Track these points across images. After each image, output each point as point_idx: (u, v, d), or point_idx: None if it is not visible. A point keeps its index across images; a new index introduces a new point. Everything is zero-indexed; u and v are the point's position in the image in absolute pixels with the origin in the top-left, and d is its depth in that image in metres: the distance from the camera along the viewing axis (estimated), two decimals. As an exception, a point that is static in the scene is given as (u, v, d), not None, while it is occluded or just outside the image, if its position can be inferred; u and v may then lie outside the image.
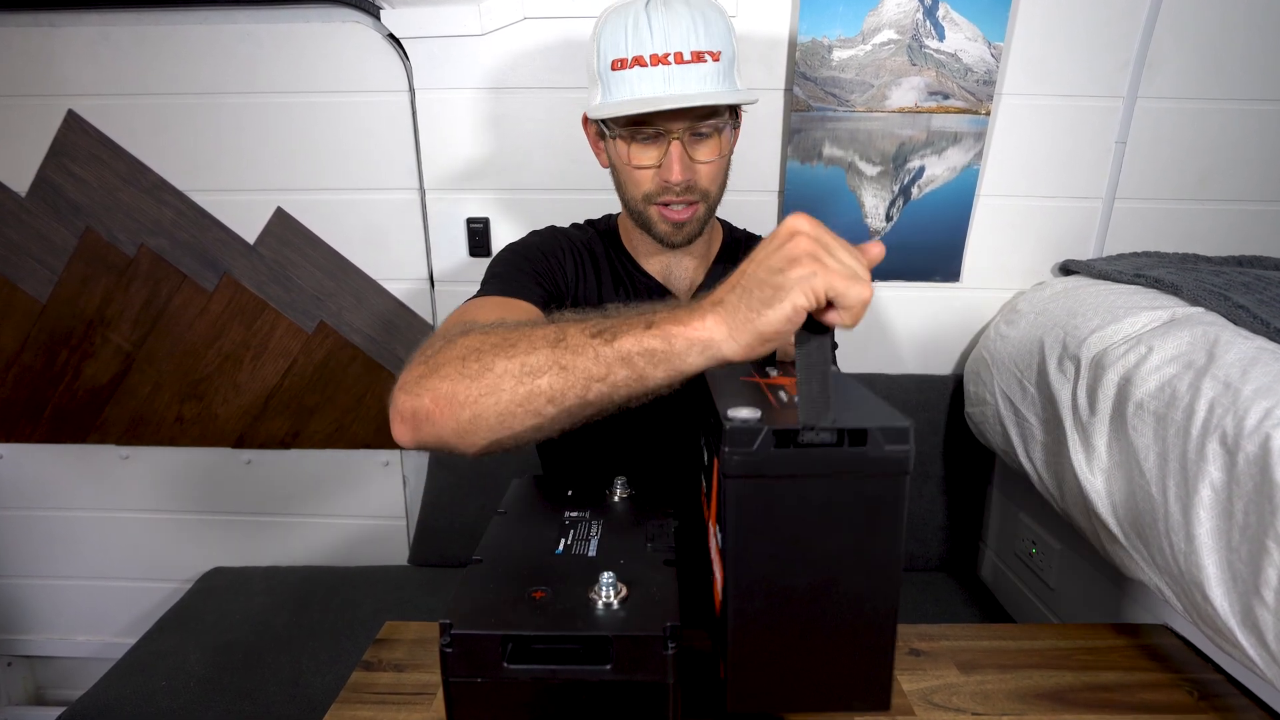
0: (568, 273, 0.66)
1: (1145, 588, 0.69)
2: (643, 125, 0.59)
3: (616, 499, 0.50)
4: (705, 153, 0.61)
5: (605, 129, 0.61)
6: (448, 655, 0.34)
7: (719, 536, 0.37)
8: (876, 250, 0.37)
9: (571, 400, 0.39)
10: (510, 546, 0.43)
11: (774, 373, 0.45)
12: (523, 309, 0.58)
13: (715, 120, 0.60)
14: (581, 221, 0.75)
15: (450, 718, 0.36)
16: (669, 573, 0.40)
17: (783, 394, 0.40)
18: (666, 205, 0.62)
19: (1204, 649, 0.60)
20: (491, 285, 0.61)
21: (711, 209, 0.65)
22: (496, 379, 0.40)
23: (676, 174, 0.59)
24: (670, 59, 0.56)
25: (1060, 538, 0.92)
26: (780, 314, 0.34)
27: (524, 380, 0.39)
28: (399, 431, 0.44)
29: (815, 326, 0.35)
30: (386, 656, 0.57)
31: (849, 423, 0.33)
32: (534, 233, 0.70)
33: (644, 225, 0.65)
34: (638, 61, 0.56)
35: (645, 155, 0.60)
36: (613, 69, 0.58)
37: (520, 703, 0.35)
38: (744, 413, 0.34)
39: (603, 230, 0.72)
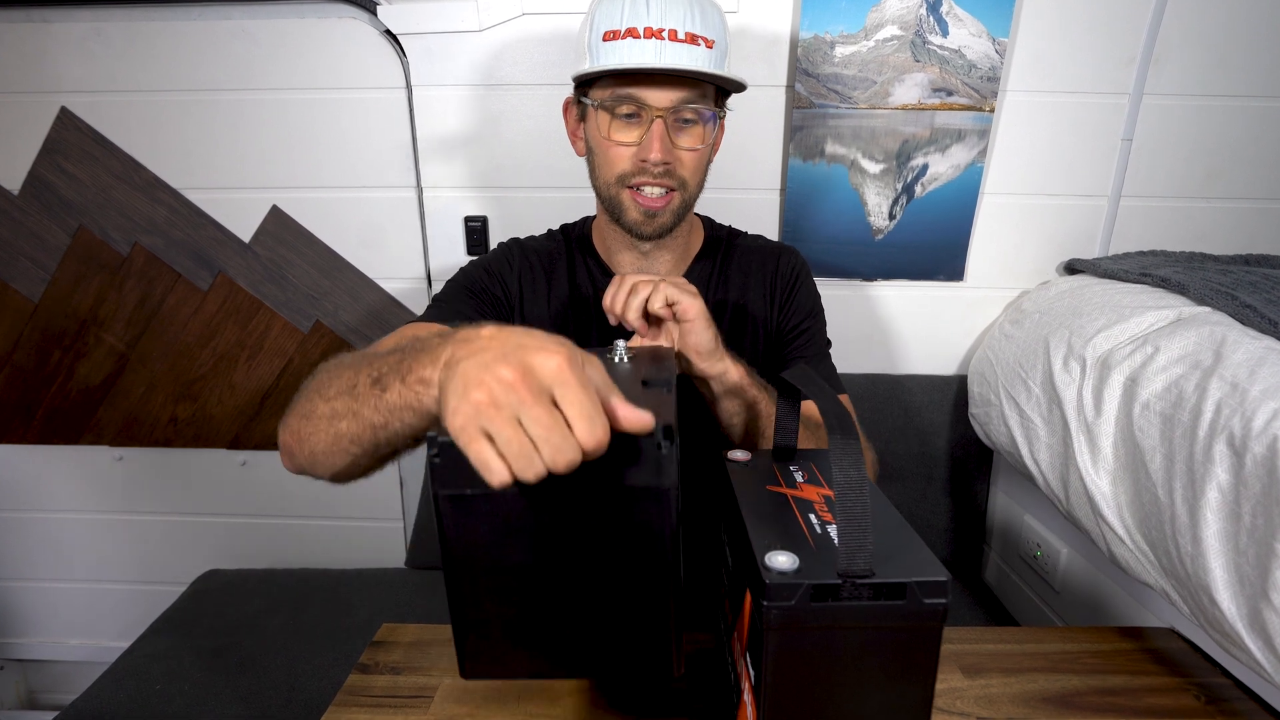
0: (510, 288, 0.67)
1: (1151, 591, 0.69)
2: (626, 102, 0.58)
3: (616, 359, 0.47)
4: (688, 140, 0.60)
5: (588, 102, 0.60)
6: (436, 467, 0.32)
7: (751, 672, 0.38)
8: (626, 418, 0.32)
9: (367, 444, 0.41)
10: None
11: (799, 477, 0.47)
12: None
13: (701, 107, 0.59)
14: (558, 226, 0.74)
15: (441, 534, 0.34)
16: (668, 396, 0.39)
17: (813, 518, 0.41)
18: (639, 190, 0.60)
19: (1211, 653, 0.59)
20: (429, 309, 0.64)
21: (688, 205, 0.64)
22: (317, 421, 0.43)
23: (656, 151, 0.58)
24: (664, 34, 0.56)
25: (1065, 540, 0.91)
26: (444, 415, 0.32)
27: (332, 423, 0.42)
28: (282, 461, 0.49)
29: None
30: (384, 659, 0.57)
31: (888, 575, 0.34)
32: (495, 247, 0.71)
33: (615, 213, 0.63)
34: (630, 33, 0.56)
35: (626, 133, 0.59)
36: (604, 39, 0.57)
37: (513, 516, 0.34)
38: (782, 560, 0.35)
39: (575, 236, 0.72)
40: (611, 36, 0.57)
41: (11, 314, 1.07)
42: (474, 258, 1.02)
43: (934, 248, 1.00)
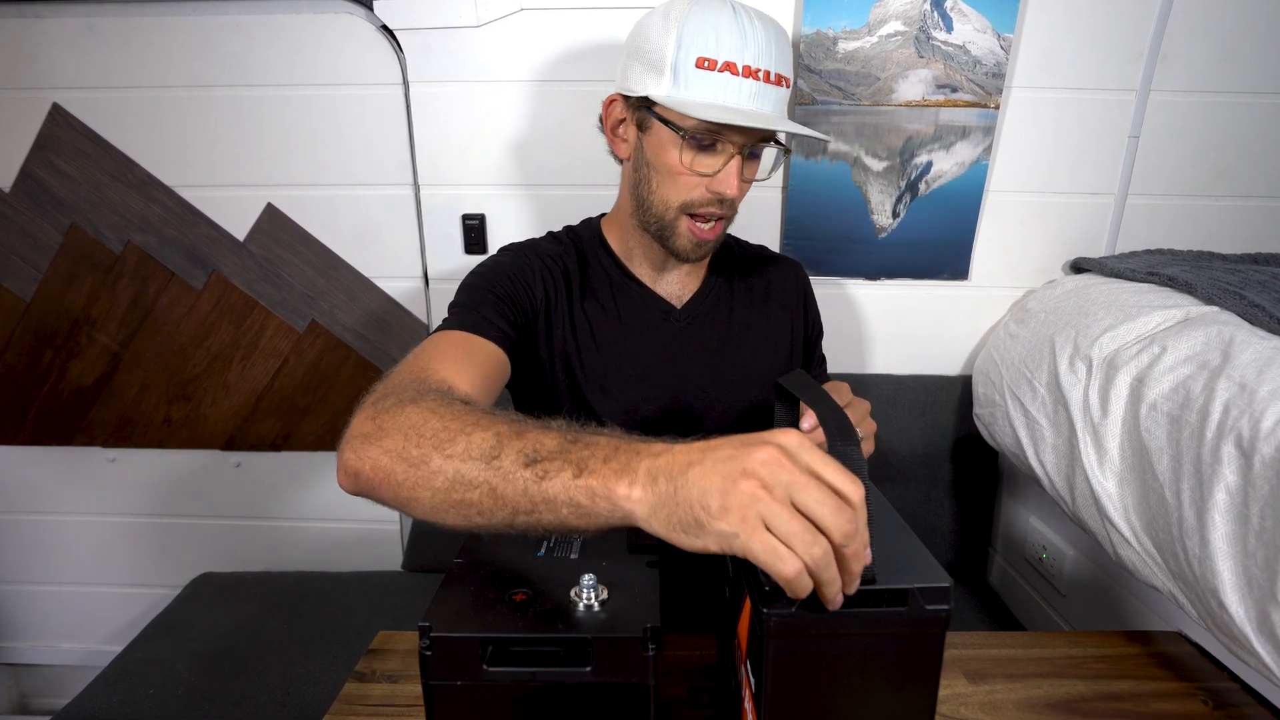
0: (536, 295, 0.65)
1: (1159, 594, 0.68)
2: (715, 137, 0.58)
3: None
4: (751, 172, 0.62)
5: (677, 129, 0.58)
6: (427, 658, 0.34)
7: (752, 680, 0.38)
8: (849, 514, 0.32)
9: (499, 522, 0.38)
10: (492, 549, 0.43)
11: None
12: (480, 350, 0.57)
13: (770, 142, 0.61)
14: (560, 229, 0.73)
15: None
16: (651, 575, 0.40)
17: None
18: (699, 219, 0.61)
19: (1219, 656, 0.59)
20: (455, 315, 0.60)
21: (728, 228, 0.66)
22: (430, 475, 0.39)
23: (734, 188, 0.58)
24: (760, 75, 0.56)
25: (1071, 542, 0.90)
26: (693, 545, 0.32)
27: (456, 488, 0.39)
28: (342, 482, 0.44)
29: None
30: (380, 667, 0.56)
31: (890, 582, 0.34)
32: (504, 250, 0.68)
33: (662, 234, 0.63)
34: (729, 67, 0.55)
35: (706, 164, 0.59)
36: (697, 65, 0.55)
37: (500, 705, 0.35)
38: None
39: (587, 237, 0.71)
40: (707, 65, 0.55)
41: (3, 313, 1.06)
42: (472, 257, 1.03)
43: (938, 246, 0.99)
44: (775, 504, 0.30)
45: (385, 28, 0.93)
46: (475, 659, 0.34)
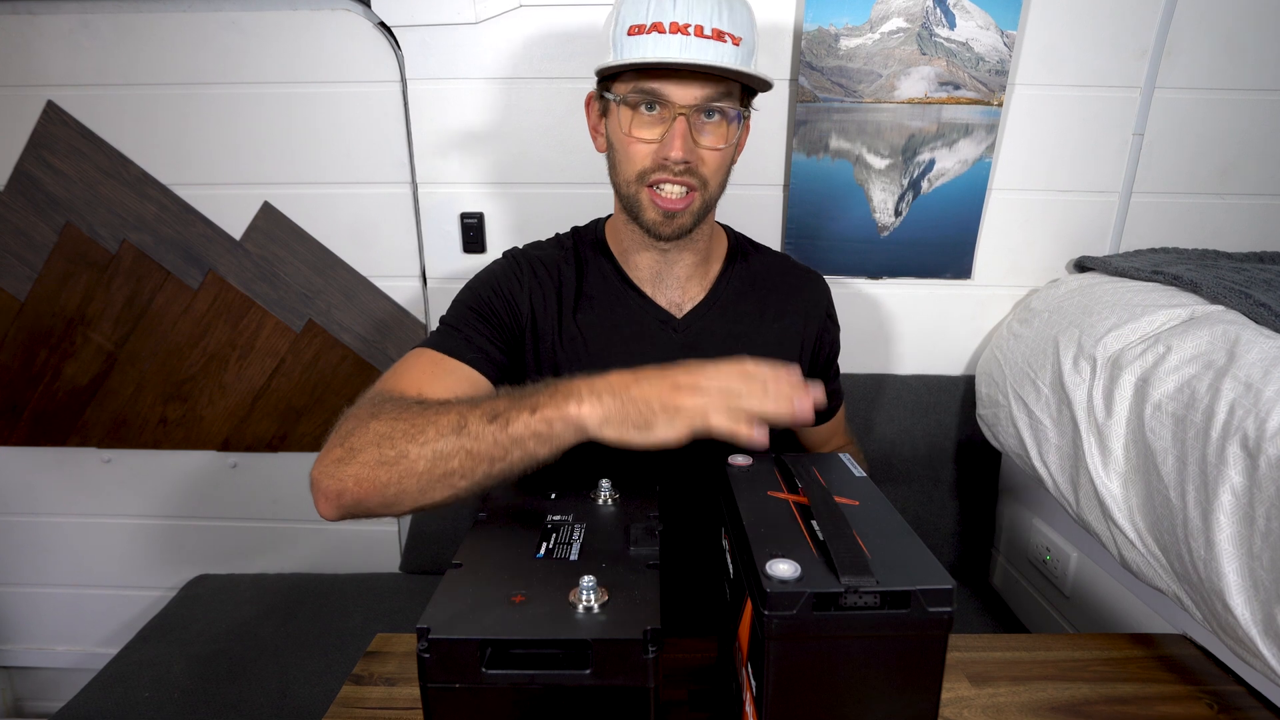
0: (520, 309, 0.65)
1: (1163, 596, 0.68)
2: (649, 97, 0.58)
3: (600, 502, 0.49)
4: (710, 139, 0.59)
5: (611, 97, 0.59)
6: (425, 661, 0.34)
7: (753, 683, 0.38)
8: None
9: (479, 476, 0.46)
10: (491, 550, 0.43)
11: (801, 483, 0.46)
12: (452, 374, 0.60)
13: (724, 105, 0.58)
14: (566, 230, 0.73)
15: None
16: (651, 576, 0.40)
17: (815, 525, 0.41)
18: (658, 188, 0.60)
19: (1224, 659, 0.59)
20: (437, 333, 0.64)
21: (708, 205, 0.63)
22: (411, 464, 0.46)
23: (677, 149, 0.57)
24: (690, 30, 0.55)
25: (1075, 544, 0.90)
26: (645, 438, 0.43)
27: (437, 464, 0.46)
28: (322, 509, 0.49)
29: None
30: (378, 670, 0.56)
31: (892, 583, 0.34)
32: (499, 260, 0.69)
33: (633, 212, 0.62)
34: (656, 28, 0.55)
35: (648, 130, 0.59)
36: (629, 34, 0.57)
37: (499, 708, 0.35)
38: (783, 569, 0.35)
39: (587, 239, 0.70)
40: (637, 31, 0.56)
41: (-3, 313, 1.05)
42: (470, 256, 1.02)
43: (941, 245, 0.98)
44: (705, 384, 0.43)
45: (383, 25, 0.92)
46: (474, 661, 0.34)
